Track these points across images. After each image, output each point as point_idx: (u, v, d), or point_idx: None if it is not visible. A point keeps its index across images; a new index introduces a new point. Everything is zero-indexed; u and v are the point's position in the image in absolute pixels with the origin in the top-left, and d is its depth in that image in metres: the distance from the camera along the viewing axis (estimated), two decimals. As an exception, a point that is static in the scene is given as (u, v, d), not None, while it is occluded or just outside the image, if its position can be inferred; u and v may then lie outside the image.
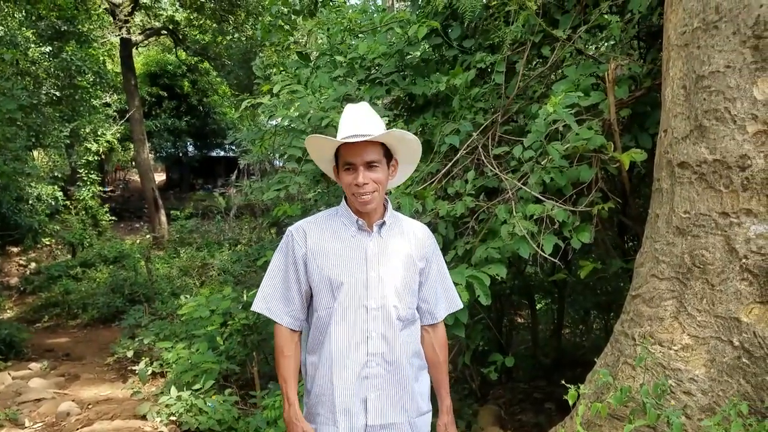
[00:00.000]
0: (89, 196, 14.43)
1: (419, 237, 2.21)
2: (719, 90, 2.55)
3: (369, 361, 2.06)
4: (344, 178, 2.05)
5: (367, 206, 2.06)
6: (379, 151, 2.05)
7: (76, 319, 9.24)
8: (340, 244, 2.10)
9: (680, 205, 2.69)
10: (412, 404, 2.13)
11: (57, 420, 4.90)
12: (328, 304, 2.09)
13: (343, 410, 2.06)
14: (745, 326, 2.50)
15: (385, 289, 2.08)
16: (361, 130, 2.01)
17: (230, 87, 21.63)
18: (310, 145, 2.14)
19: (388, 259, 2.10)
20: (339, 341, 2.07)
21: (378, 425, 2.06)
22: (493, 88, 3.94)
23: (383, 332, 2.07)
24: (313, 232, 2.14)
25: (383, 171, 2.07)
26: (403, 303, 2.13)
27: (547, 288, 5.79)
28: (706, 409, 2.55)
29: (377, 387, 2.07)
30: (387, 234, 2.14)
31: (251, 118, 14.44)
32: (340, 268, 2.07)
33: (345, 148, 2.03)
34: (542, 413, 4.67)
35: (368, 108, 2.12)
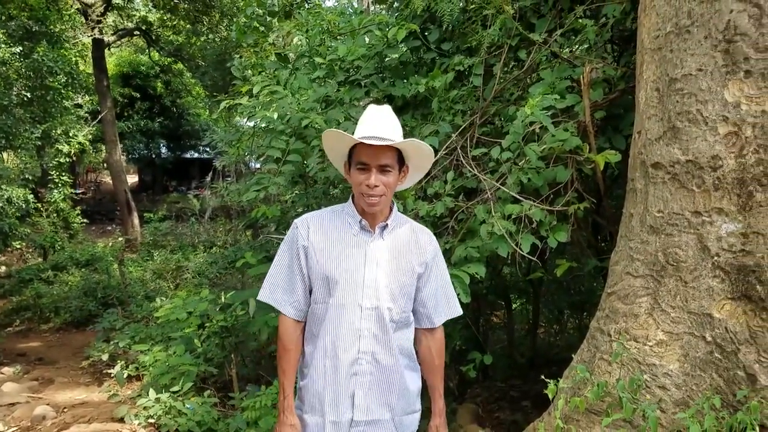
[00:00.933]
0: (61, 199, 14.19)
1: (421, 242, 2.24)
2: (691, 92, 2.63)
3: (359, 358, 2.10)
4: (356, 177, 2.08)
5: (374, 208, 2.09)
6: (394, 156, 2.08)
7: (49, 322, 9.08)
8: (341, 242, 2.14)
9: (654, 204, 2.77)
10: (399, 403, 2.17)
11: (33, 424, 4.83)
12: (324, 299, 2.13)
13: (330, 402, 2.10)
14: (717, 322, 2.58)
15: (380, 290, 2.11)
16: (381, 133, 2.04)
17: (205, 88, 21.47)
18: (328, 138, 2.17)
19: (386, 262, 2.13)
20: (332, 337, 2.11)
21: (363, 421, 2.10)
22: (471, 91, 4.00)
23: (375, 332, 2.10)
24: (317, 226, 2.17)
25: (394, 176, 2.10)
26: (397, 306, 2.16)
27: (523, 288, 5.87)
28: (680, 402, 2.62)
29: (365, 384, 2.10)
30: (389, 236, 2.17)
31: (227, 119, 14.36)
32: (337, 265, 2.10)
33: (361, 148, 2.05)
34: (519, 411, 4.73)
35: (390, 111, 2.16)
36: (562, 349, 6.04)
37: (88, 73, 17.37)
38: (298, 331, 2.20)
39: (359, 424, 2.10)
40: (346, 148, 2.13)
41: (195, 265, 11.10)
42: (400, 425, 2.18)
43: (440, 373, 2.37)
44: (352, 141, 2.07)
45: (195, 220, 14.98)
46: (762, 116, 2.48)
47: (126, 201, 16.51)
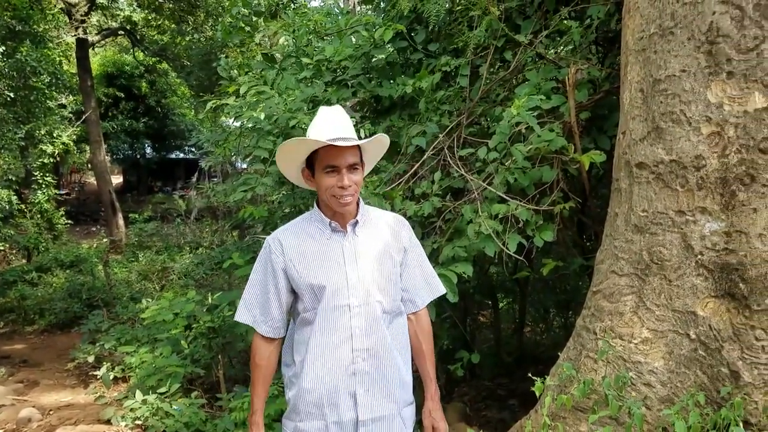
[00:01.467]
0: (45, 200, 14.04)
1: (394, 229, 2.26)
2: (675, 93, 2.66)
3: (355, 357, 2.09)
4: (325, 181, 2.07)
5: (347, 208, 2.10)
6: (358, 154, 2.10)
7: (33, 324, 8.99)
8: (318, 248, 2.14)
9: (638, 204, 2.80)
10: (401, 395, 2.18)
11: (18, 426, 4.80)
12: (313, 306, 2.13)
13: (330, 404, 2.09)
14: (701, 319, 2.61)
15: (367, 285, 2.12)
16: (344, 133, 2.05)
17: (190, 88, 21.35)
18: (288, 147, 2.14)
19: (365, 256, 2.14)
20: (325, 340, 2.10)
21: (369, 419, 2.09)
22: (458, 91, 4.02)
23: (367, 328, 2.11)
24: (289, 240, 2.17)
25: (361, 173, 2.13)
26: (387, 297, 2.17)
27: (509, 287, 5.91)
28: (665, 399, 2.66)
29: (365, 382, 2.10)
30: (362, 231, 2.18)
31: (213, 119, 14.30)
32: (320, 271, 2.10)
33: (328, 151, 2.04)
34: (506, 409, 4.76)
35: (342, 110, 2.17)
36: (548, 348, 6.07)
37: (72, 73, 17.23)
38: (271, 348, 2.21)
39: (366, 423, 2.09)
40: (305, 154, 2.12)
41: (181, 266, 11.04)
42: (404, 419, 2.19)
43: (430, 357, 2.37)
44: (321, 144, 2.04)
45: (181, 220, 14.89)
46: (744, 116, 2.52)
47: (110, 202, 16.40)
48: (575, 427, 2.82)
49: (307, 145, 2.09)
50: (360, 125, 4.14)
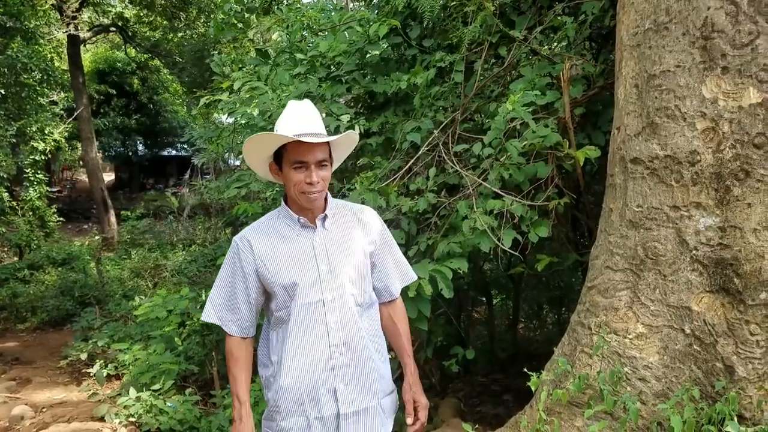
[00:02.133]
0: (36, 197, 13.93)
1: (364, 221, 2.24)
2: (670, 89, 2.67)
3: (333, 352, 2.08)
4: (293, 176, 2.05)
5: (315, 203, 2.09)
6: (327, 150, 2.08)
7: (25, 322, 8.93)
8: (288, 245, 2.12)
9: (633, 199, 2.80)
10: (380, 386, 2.17)
11: (11, 424, 4.77)
12: (286, 304, 2.11)
13: (311, 401, 2.08)
14: (696, 315, 2.62)
15: (339, 279, 2.11)
16: (314, 129, 2.03)
17: (182, 85, 21.25)
18: (256, 140, 2.12)
19: (336, 250, 2.13)
20: (301, 338, 2.09)
21: (350, 412, 2.09)
22: (453, 87, 4.02)
23: (342, 322, 2.10)
24: (258, 239, 2.14)
25: (330, 169, 2.11)
26: (359, 290, 2.16)
27: (503, 284, 5.92)
28: (660, 394, 2.67)
29: (345, 376, 2.09)
30: (332, 225, 2.16)
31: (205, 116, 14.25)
32: (291, 268, 2.09)
33: (296, 147, 2.02)
34: (500, 405, 4.77)
35: (312, 105, 2.14)
36: (541, 344, 6.09)
37: (64, 69, 17.12)
38: (245, 345, 2.19)
39: (347, 417, 2.09)
40: (273, 149, 2.09)
41: (174, 263, 11.00)
42: (385, 408, 2.19)
43: (407, 336, 2.36)
44: (289, 139, 2.01)
45: (173, 218, 14.82)
46: (739, 112, 2.53)
47: (102, 199, 16.32)
48: (570, 422, 2.83)
49: (275, 140, 2.07)
50: (354, 121, 4.12)
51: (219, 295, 2.19)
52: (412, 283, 3.23)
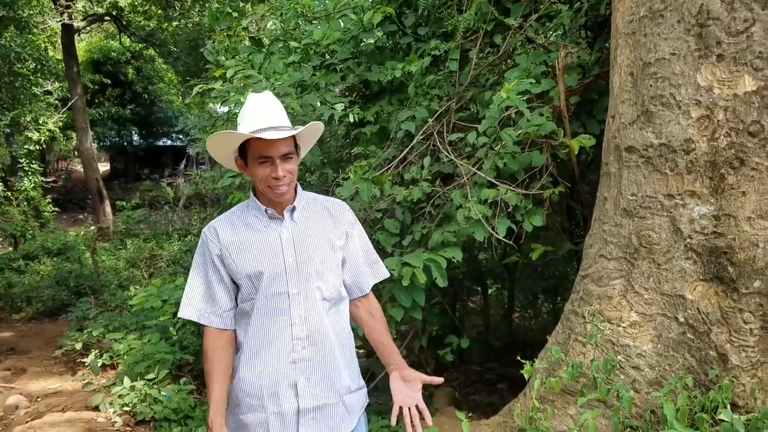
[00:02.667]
0: (31, 187, 13.86)
1: (334, 214, 2.20)
2: (665, 76, 2.66)
3: (295, 345, 2.05)
4: (259, 172, 2.02)
5: (283, 197, 2.05)
6: (292, 142, 2.04)
7: (21, 312, 8.90)
8: (255, 236, 2.09)
9: (628, 187, 2.80)
10: (343, 383, 2.13)
11: (5, 413, 4.76)
12: (250, 296, 2.08)
13: (270, 395, 2.04)
14: (690, 303, 2.62)
15: (306, 273, 2.07)
16: (276, 122, 1.99)
17: (177, 74, 21.13)
18: (216, 139, 2.08)
19: (304, 243, 2.10)
20: (263, 330, 2.06)
21: (311, 407, 2.05)
22: (448, 76, 4.00)
23: (306, 316, 2.06)
24: (225, 228, 2.11)
25: (296, 161, 2.07)
26: (326, 284, 2.12)
27: (498, 273, 5.93)
28: (653, 382, 2.67)
29: (306, 370, 2.06)
30: (300, 218, 2.13)
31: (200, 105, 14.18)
32: (257, 259, 2.06)
33: (259, 142, 1.98)
34: (495, 393, 4.79)
35: (273, 97, 2.11)
36: (536, 333, 6.11)
37: (58, 59, 17.00)
38: (224, 339, 2.11)
39: (308, 412, 2.05)
40: (236, 144, 2.06)
41: (169, 253, 10.96)
42: (348, 405, 2.16)
43: (386, 329, 2.31)
44: (249, 137, 1.98)
45: (169, 208, 14.76)
46: (733, 99, 2.52)
47: (98, 189, 16.25)
48: (564, 410, 2.83)
49: (236, 138, 2.04)
50: (349, 110, 4.10)
51: (194, 288, 2.13)
52: (406, 272, 3.25)
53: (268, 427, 2.05)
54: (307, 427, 2.07)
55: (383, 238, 3.64)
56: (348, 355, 2.21)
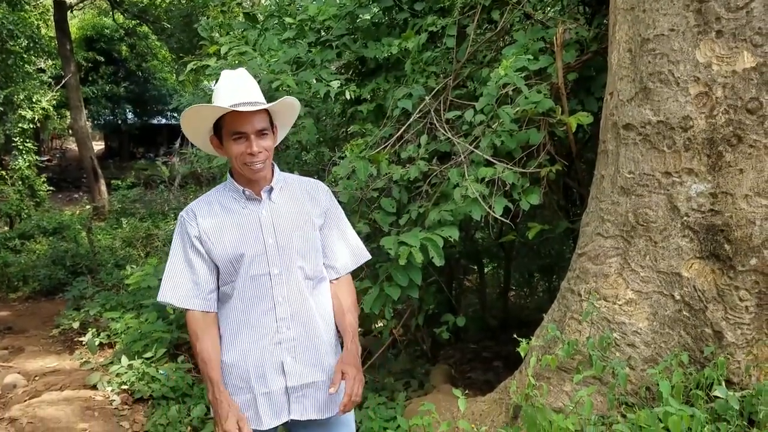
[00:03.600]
0: (26, 166, 13.76)
1: (313, 194, 2.19)
2: (663, 53, 2.63)
3: (280, 326, 2.05)
4: (233, 149, 2.00)
5: (259, 174, 2.04)
6: (267, 119, 2.03)
7: (17, 291, 8.90)
8: (233, 218, 2.07)
9: (625, 165, 2.79)
10: (328, 360, 2.14)
11: (3, 392, 4.78)
12: (231, 278, 2.07)
13: (257, 376, 2.04)
14: (686, 281, 2.63)
15: (287, 253, 2.06)
16: (249, 98, 1.98)
17: (171, 51, 20.92)
18: (190, 115, 2.06)
19: (284, 223, 2.09)
20: (247, 312, 2.05)
21: (299, 386, 2.06)
22: (445, 52, 3.97)
23: (289, 296, 2.06)
24: (203, 211, 2.10)
25: (271, 138, 2.05)
26: (308, 263, 2.12)
27: (495, 252, 5.94)
28: (649, 360, 2.68)
29: (292, 349, 2.06)
30: (278, 198, 2.12)
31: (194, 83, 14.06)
32: (237, 241, 2.05)
33: (233, 117, 1.97)
34: (491, 371, 4.82)
35: (246, 73, 2.09)
36: (532, 311, 6.13)
37: (51, 36, 16.80)
38: (209, 320, 2.09)
39: (296, 390, 2.06)
40: (212, 121, 2.04)
41: (165, 232, 10.95)
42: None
43: (351, 312, 2.24)
44: (219, 111, 1.97)
45: (164, 187, 14.71)
46: (732, 76, 2.50)
47: (92, 168, 16.17)
48: (559, 387, 2.85)
49: (210, 112, 2.02)
50: (345, 87, 4.07)
51: (174, 272, 2.10)
52: (403, 251, 3.25)
53: (257, 408, 2.06)
54: (298, 404, 2.08)
55: (380, 217, 3.64)
56: (332, 335, 2.20)
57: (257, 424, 2.06)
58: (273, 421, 2.07)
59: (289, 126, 2.26)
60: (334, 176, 3.76)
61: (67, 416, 4.21)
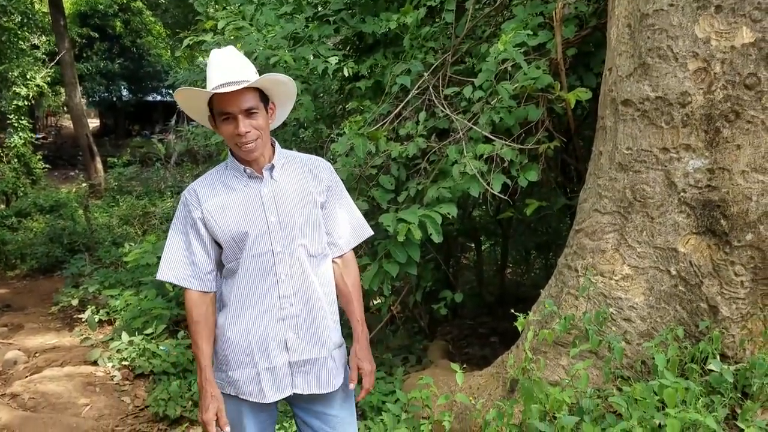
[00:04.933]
0: (21, 143, 13.67)
1: (315, 172, 2.19)
2: (663, 28, 2.62)
3: (283, 303, 2.07)
4: (224, 130, 1.99)
5: (253, 154, 2.03)
6: (256, 97, 2.00)
7: (15, 269, 8.91)
8: (235, 196, 2.08)
9: (623, 141, 2.79)
10: (331, 337, 2.16)
11: (4, 368, 4.81)
12: (236, 256, 2.07)
13: (260, 351, 2.07)
14: (682, 256, 2.65)
15: (289, 230, 2.07)
16: (232, 77, 1.95)
17: (165, 27, 20.70)
18: (181, 99, 2.06)
19: (286, 201, 2.09)
20: (250, 289, 2.07)
21: (302, 361, 2.09)
22: (443, 28, 3.94)
23: (292, 273, 2.07)
24: (206, 190, 2.09)
25: (263, 116, 2.02)
26: (311, 240, 2.12)
27: (492, 229, 5.96)
28: (644, 334, 2.72)
29: (295, 326, 2.08)
30: (280, 176, 2.11)
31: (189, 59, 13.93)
32: (239, 219, 2.05)
33: (219, 98, 1.96)
34: (487, 346, 4.87)
35: (236, 52, 2.07)
36: (529, 288, 6.17)
37: (44, 12, 16.60)
38: (206, 302, 2.10)
39: (299, 364, 2.09)
40: (204, 103, 2.04)
41: (162, 210, 10.95)
42: (336, 360, 2.17)
43: (358, 299, 2.29)
44: (206, 94, 1.97)
45: (160, 165, 14.66)
46: (731, 52, 2.50)
47: (88, 146, 16.07)
48: (556, 361, 2.89)
49: (192, 96, 2.02)
50: (343, 63, 4.05)
51: (173, 251, 2.11)
52: (402, 228, 3.26)
53: (260, 382, 2.08)
54: (301, 378, 2.11)
55: (378, 195, 3.64)
56: (334, 311, 2.22)
57: (260, 397, 2.09)
58: (276, 395, 2.10)
59: (289, 104, 2.23)
60: (332, 153, 3.76)
61: (69, 392, 4.25)
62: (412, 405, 3.09)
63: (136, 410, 4.17)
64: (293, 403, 2.21)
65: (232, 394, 2.12)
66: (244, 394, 2.10)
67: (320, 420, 2.18)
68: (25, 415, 3.67)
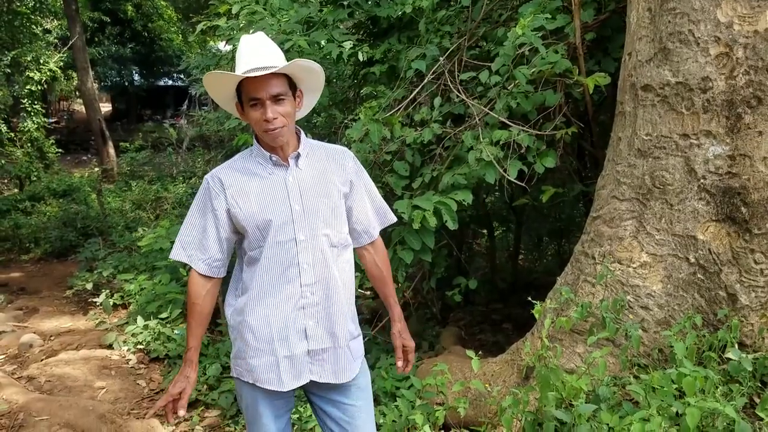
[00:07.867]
0: (34, 128, 13.72)
1: (339, 161, 2.19)
2: (684, 12, 2.58)
3: (304, 291, 2.07)
4: (251, 115, 1.99)
5: (279, 140, 2.01)
6: (284, 83, 1.99)
7: (29, 253, 8.98)
8: (260, 183, 2.07)
9: (642, 127, 2.76)
10: (347, 328, 2.17)
11: (20, 351, 4.86)
12: (259, 243, 2.07)
13: (280, 339, 2.07)
14: (701, 243, 2.63)
15: (313, 219, 2.07)
16: (261, 63, 1.94)
17: (177, 11, 20.63)
18: (209, 83, 2.06)
19: (310, 190, 2.09)
20: (272, 277, 2.07)
21: (320, 349, 2.10)
22: (459, 11, 3.89)
23: (315, 262, 2.07)
24: (230, 177, 2.09)
25: (290, 103, 2.02)
26: (334, 230, 2.13)
27: (505, 216, 5.94)
28: (662, 322, 2.70)
29: (315, 315, 2.09)
30: (305, 164, 2.11)
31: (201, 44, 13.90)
32: (264, 207, 2.05)
33: (248, 83, 1.95)
34: (500, 333, 4.86)
35: (266, 38, 2.06)
36: (541, 275, 6.16)
37: (56, -4, 16.61)
38: (208, 286, 2.12)
39: (317, 353, 2.10)
40: (233, 88, 2.03)
41: (174, 195, 10.99)
42: (353, 351, 2.18)
43: (390, 282, 2.37)
44: (236, 78, 1.96)
45: (172, 150, 14.68)
46: (754, 36, 2.46)
47: (100, 130, 16.13)
48: (572, 348, 2.88)
49: (225, 79, 2.01)
50: (357, 48, 4.02)
51: (188, 233, 2.14)
52: (417, 215, 3.25)
53: (279, 371, 2.09)
54: (318, 366, 2.11)
55: (393, 181, 3.62)
56: (351, 302, 2.23)
57: (279, 385, 2.10)
58: (293, 382, 2.11)
59: (317, 90, 2.22)
60: (347, 139, 3.74)
61: (85, 375, 4.29)
62: (427, 391, 3.09)
63: (152, 393, 4.21)
64: (310, 390, 2.22)
65: (250, 382, 2.13)
66: (262, 382, 2.10)
67: (338, 408, 2.19)
68: (42, 397, 3.70)
